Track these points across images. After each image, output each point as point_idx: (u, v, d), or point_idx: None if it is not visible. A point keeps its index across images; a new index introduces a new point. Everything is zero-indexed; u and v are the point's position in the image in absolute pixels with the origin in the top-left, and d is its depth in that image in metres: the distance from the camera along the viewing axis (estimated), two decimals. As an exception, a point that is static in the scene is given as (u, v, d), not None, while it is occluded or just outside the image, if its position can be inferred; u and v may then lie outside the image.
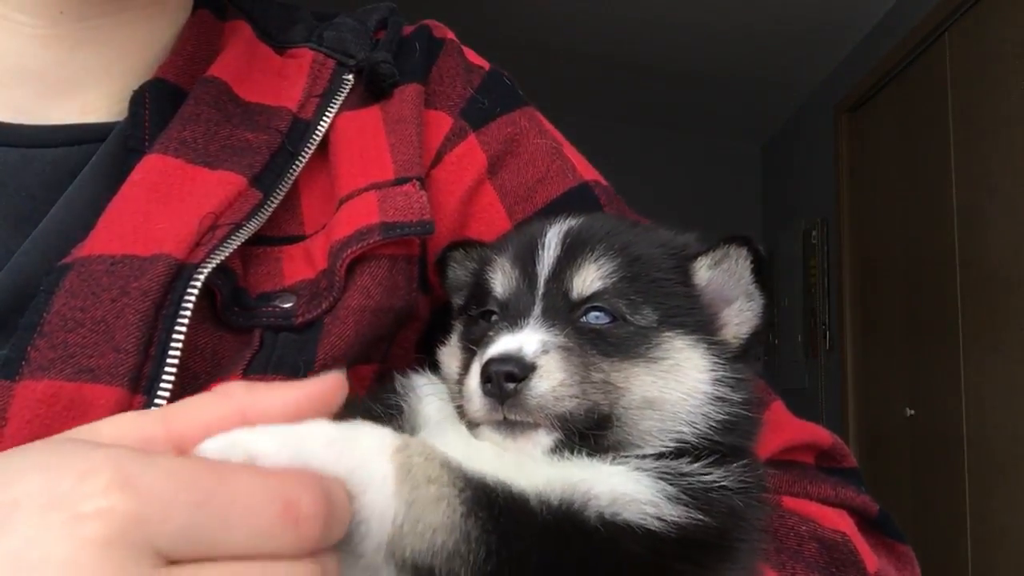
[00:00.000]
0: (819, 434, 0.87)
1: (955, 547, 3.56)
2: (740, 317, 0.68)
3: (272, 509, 0.42)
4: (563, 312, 0.63)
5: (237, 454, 0.45)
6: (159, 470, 0.41)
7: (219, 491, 0.41)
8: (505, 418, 0.58)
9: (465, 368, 0.66)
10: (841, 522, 0.81)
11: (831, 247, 5.06)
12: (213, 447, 0.45)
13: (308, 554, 0.43)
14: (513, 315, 0.64)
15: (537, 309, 0.63)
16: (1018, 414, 3.18)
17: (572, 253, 0.65)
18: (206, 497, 0.41)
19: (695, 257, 0.68)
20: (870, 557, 0.81)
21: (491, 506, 0.50)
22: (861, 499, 0.85)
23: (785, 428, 0.84)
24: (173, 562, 0.41)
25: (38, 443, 0.45)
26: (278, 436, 0.46)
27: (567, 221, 0.69)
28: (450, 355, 0.71)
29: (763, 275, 0.67)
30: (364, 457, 0.48)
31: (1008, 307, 3.27)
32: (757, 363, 0.70)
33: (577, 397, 0.59)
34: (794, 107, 5.74)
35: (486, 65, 0.96)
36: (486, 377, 0.58)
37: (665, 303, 0.64)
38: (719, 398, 0.63)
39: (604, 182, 0.92)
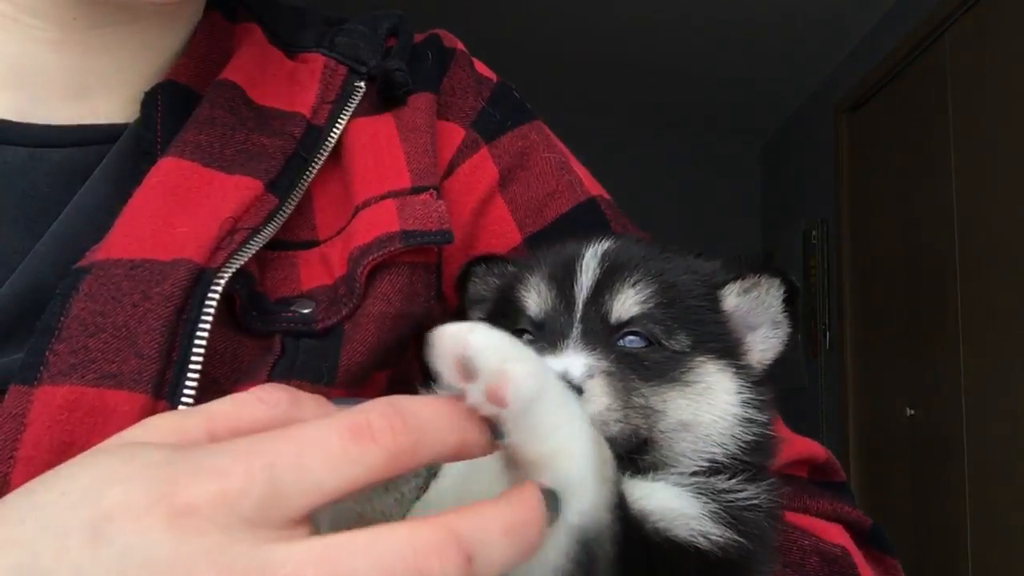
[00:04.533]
0: (814, 449, 0.89)
1: (955, 547, 3.57)
2: (765, 344, 0.70)
3: (341, 435, 0.42)
4: (602, 335, 0.64)
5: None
6: (226, 453, 0.42)
7: (284, 447, 0.42)
8: None
9: None
10: (839, 536, 0.83)
11: (831, 247, 5.07)
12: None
13: (402, 466, 0.43)
14: (551, 336, 0.64)
15: (576, 331, 0.64)
16: (1018, 414, 3.19)
17: (611, 277, 0.66)
18: (274, 456, 0.42)
19: (724, 284, 0.70)
20: (866, 571, 0.83)
21: (622, 506, 0.51)
22: (855, 513, 0.87)
23: (785, 443, 0.85)
24: (288, 523, 0.42)
25: (93, 455, 0.46)
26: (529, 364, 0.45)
27: (602, 243, 0.70)
28: None
29: (795, 306, 0.69)
30: (574, 424, 0.47)
31: (1008, 307, 3.28)
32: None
33: (621, 421, 0.59)
34: (794, 107, 5.75)
35: (494, 77, 0.97)
36: None
37: (697, 328, 0.66)
38: (747, 419, 0.65)
39: (608, 196, 0.94)
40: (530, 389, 0.44)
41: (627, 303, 0.65)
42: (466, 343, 0.44)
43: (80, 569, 0.40)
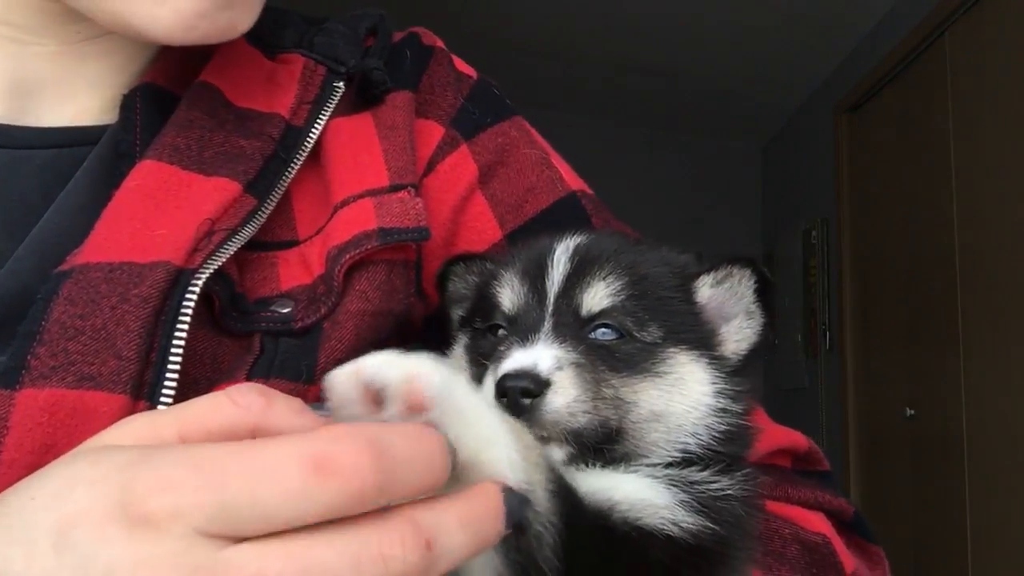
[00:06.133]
0: (796, 439, 0.90)
1: (955, 547, 3.57)
2: (740, 334, 0.70)
3: (300, 469, 0.41)
4: (573, 328, 0.65)
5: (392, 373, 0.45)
6: (182, 463, 0.42)
7: (239, 468, 0.42)
8: None
9: (475, 381, 0.67)
10: (820, 524, 0.84)
11: (831, 247, 5.08)
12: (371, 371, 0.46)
13: (366, 506, 0.42)
14: (523, 330, 0.65)
15: (547, 325, 0.65)
16: (1018, 414, 3.19)
17: (581, 271, 0.67)
18: (227, 478, 0.41)
19: (697, 276, 0.70)
20: (848, 558, 0.84)
21: (566, 495, 0.52)
22: (838, 502, 0.88)
23: (766, 434, 0.86)
24: (243, 539, 0.42)
25: (68, 458, 0.47)
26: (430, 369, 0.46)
27: (574, 238, 0.71)
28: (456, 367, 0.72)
29: (766, 295, 0.69)
30: (484, 411, 0.49)
31: (1008, 307, 3.28)
32: (755, 373, 0.72)
33: (590, 412, 0.60)
34: (794, 107, 5.75)
35: (474, 74, 0.97)
36: (501, 392, 0.59)
37: (669, 320, 0.67)
38: (721, 410, 0.66)
39: (590, 191, 0.94)
40: (441, 378, 0.45)
41: (597, 296, 0.66)
42: (361, 371, 0.45)
43: (46, 573, 0.41)
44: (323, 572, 0.41)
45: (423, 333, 0.88)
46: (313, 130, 0.81)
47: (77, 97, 0.80)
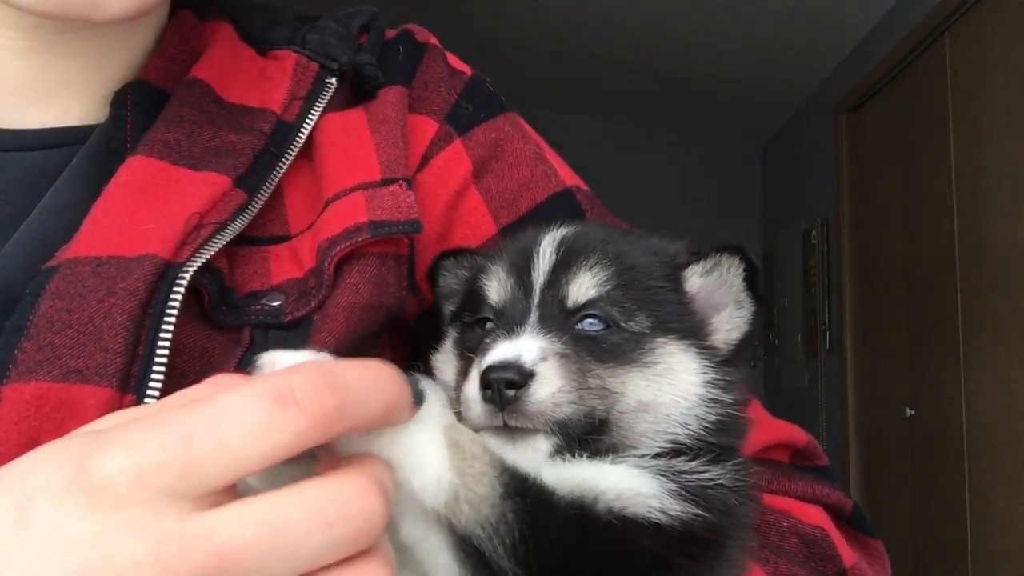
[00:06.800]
0: (794, 433, 0.90)
1: (955, 547, 3.57)
2: (730, 323, 0.69)
3: (261, 402, 0.41)
4: (559, 319, 0.65)
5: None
6: (140, 426, 0.42)
7: (200, 420, 0.41)
8: (505, 424, 0.59)
9: (462, 375, 0.67)
10: (819, 518, 0.84)
11: (831, 247, 5.08)
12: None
13: (331, 430, 0.42)
14: (509, 322, 0.65)
15: (533, 316, 0.65)
16: (1018, 414, 3.18)
17: (567, 261, 0.67)
18: (189, 429, 0.41)
19: (686, 265, 0.70)
20: (846, 552, 0.84)
21: (525, 493, 0.52)
22: (836, 496, 0.88)
23: (763, 427, 0.86)
24: (211, 496, 0.41)
25: (46, 444, 0.46)
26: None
27: (560, 229, 0.70)
28: (445, 362, 0.73)
29: (755, 283, 0.68)
30: (418, 428, 0.50)
31: (1008, 307, 3.28)
32: (750, 365, 0.71)
33: (575, 403, 0.60)
34: (794, 107, 5.75)
35: (468, 71, 0.97)
36: (485, 384, 0.59)
37: (658, 310, 0.66)
38: (711, 400, 0.65)
39: (584, 187, 0.94)
40: None
41: (583, 286, 0.65)
42: (277, 364, 0.47)
43: (9, 552, 0.40)
44: (293, 535, 0.41)
45: (416, 329, 0.88)
46: (305, 125, 0.81)
47: (58, 98, 0.79)
